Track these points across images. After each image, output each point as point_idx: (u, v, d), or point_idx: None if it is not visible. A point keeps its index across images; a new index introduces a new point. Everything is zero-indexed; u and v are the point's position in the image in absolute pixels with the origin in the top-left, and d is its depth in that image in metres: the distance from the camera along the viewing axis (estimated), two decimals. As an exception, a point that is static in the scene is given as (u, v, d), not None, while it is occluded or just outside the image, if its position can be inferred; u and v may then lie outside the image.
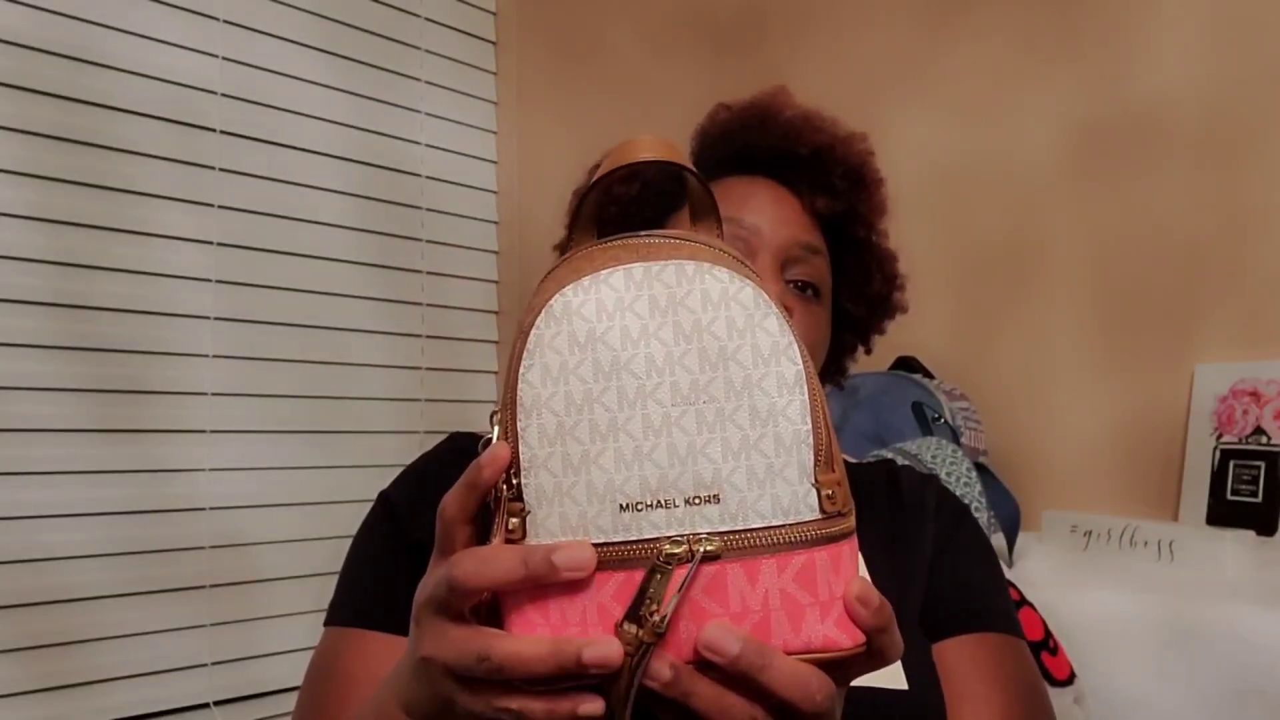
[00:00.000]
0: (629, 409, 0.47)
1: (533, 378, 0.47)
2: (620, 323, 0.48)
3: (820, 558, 0.47)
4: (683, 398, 0.47)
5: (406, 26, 1.94)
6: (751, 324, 0.48)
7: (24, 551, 1.41)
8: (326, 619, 0.76)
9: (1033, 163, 1.48)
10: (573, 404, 0.47)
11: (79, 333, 1.48)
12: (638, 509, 0.46)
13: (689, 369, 0.47)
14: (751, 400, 0.47)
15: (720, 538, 0.46)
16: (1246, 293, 1.31)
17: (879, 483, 0.84)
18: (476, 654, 0.46)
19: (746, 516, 0.46)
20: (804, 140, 0.84)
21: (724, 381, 0.47)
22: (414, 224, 1.93)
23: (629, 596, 0.45)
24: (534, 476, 0.47)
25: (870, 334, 0.92)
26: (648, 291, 0.48)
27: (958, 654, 0.73)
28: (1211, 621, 1.04)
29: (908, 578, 0.76)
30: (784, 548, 0.46)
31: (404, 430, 1.88)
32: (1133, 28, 1.40)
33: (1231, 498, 1.26)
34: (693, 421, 0.47)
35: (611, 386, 0.47)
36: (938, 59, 1.58)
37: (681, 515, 0.46)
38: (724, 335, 0.48)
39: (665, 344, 0.47)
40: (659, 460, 0.47)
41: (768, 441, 0.47)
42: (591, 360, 0.47)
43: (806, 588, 0.46)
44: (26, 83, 1.45)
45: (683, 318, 0.48)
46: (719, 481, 0.47)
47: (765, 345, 0.48)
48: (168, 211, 1.58)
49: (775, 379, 0.48)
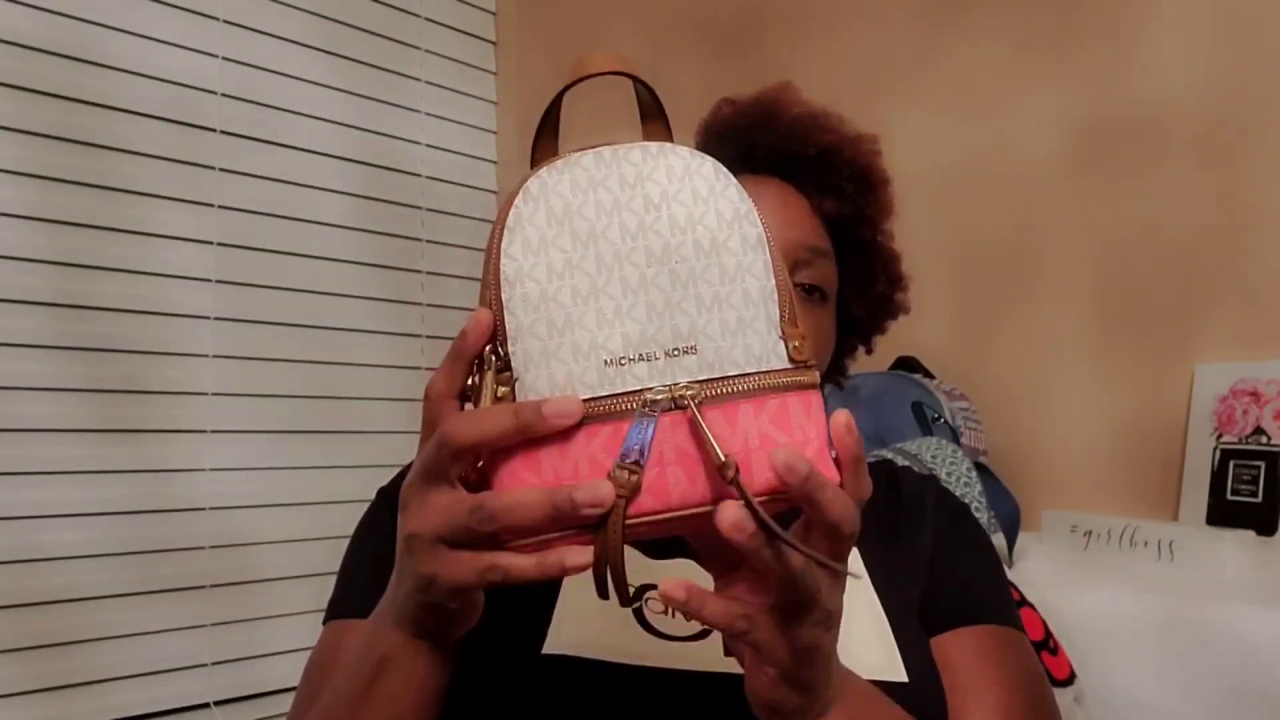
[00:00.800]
0: (607, 272, 0.50)
1: (514, 251, 0.50)
2: (594, 197, 0.51)
3: (792, 402, 0.50)
4: (656, 259, 0.50)
5: (406, 26, 1.94)
6: (714, 192, 0.52)
7: (24, 551, 1.41)
8: (326, 615, 0.76)
9: (1033, 162, 1.48)
10: (554, 271, 0.49)
11: (79, 333, 1.48)
12: (621, 363, 0.49)
13: (659, 233, 0.50)
14: (720, 259, 0.51)
15: (699, 385, 0.49)
16: (1246, 293, 1.31)
17: (879, 483, 0.84)
18: (469, 508, 0.47)
19: (723, 365, 0.50)
20: (811, 140, 0.83)
21: (693, 244, 0.51)
22: (414, 224, 1.93)
23: (618, 447, 0.47)
24: (520, 343, 0.49)
25: (873, 334, 0.92)
26: (616, 170, 0.51)
27: (957, 646, 0.73)
28: (1211, 621, 1.04)
29: (907, 574, 0.76)
30: (758, 392, 0.49)
31: (404, 430, 1.88)
32: (1133, 27, 1.40)
33: (1231, 498, 1.26)
34: (667, 280, 0.50)
35: (590, 253, 0.50)
36: (938, 59, 1.58)
37: (662, 367, 0.49)
38: (689, 203, 0.51)
39: (636, 213, 0.51)
40: (638, 317, 0.49)
41: (737, 296, 0.51)
42: (569, 231, 0.50)
43: (783, 429, 0.49)
44: (26, 83, 1.45)
45: (650, 190, 0.51)
46: (695, 333, 0.50)
47: (728, 210, 0.52)
48: (168, 211, 1.58)
49: (739, 240, 0.51)
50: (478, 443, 0.48)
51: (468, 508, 0.47)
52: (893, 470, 0.86)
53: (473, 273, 2.03)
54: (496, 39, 2.11)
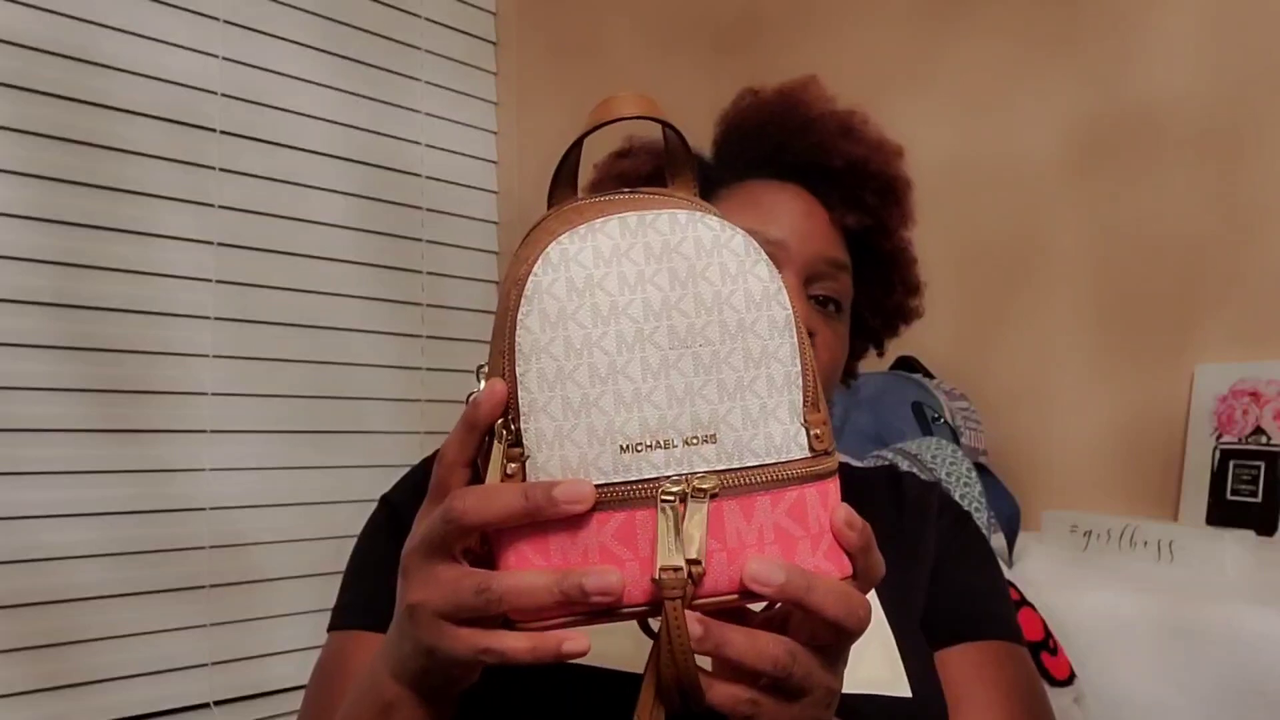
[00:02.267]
0: (627, 352, 0.48)
1: (531, 323, 0.48)
2: (617, 269, 0.48)
3: (810, 493, 0.48)
4: (679, 341, 0.48)
5: (406, 26, 1.94)
6: (743, 270, 0.49)
7: (24, 551, 1.41)
8: (331, 624, 0.76)
9: (1033, 162, 1.48)
10: (572, 348, 0.47)
11: (79, 333, 1.48)
12: (637, 450, 0.47)
13: (685, 313, 0.48)
14: (745, 343, 0.49)
15: (718, 476, 0.47)
16: (1246, 293, 1.31)
17: (882, 487, 0.84)
18: (474, 587, 0.46)
19: (742, 455, 0.48)
20: (839, 151, 0.81)
21: (719, 325, 0.48)
22: (414, 224, 1.93)
23: (630, 535, 0.46)
24: (534, 421, 0.47)
25: (885, 339, 0.92)
26: (642, 239, 0.49)
27: (960, 661, 0.73)
28: (1211, 621, 1.04)
29: (910, 583, 0.76)
30: (777, 484, 0.48)
31: (404, 430, 1.88)
32: (1133, 26, 1.40)
33: (1231, 498, 1.26)
34: (689, 364, 0.48)
35: (610, 331, 0.48)
36: (938, 58, 1.58)
37: (680, 455, 0.47)
38: (718, 281, 0.49)
39: (661, 289, 0.48)
40: (658, 402, 0.47)
41: (761, 383, 0.49)
42: (590, 305, 0.48)
43: (799, 522, 0.48)
44: (26, 83, 1.44)
45: (677, 264, 0.49)
46: (716, 421, 0.48)
47: (757, 290, 0.49)
48: (168, 211, 1.58)
49: (767, 322, 0.49)
50: (485, 524, 0.47)
51: (473, 587, 0.46)
52: (896, 475, 0.85)
53: (473, 273, 2.03)
54: (496, 39, 2.11)
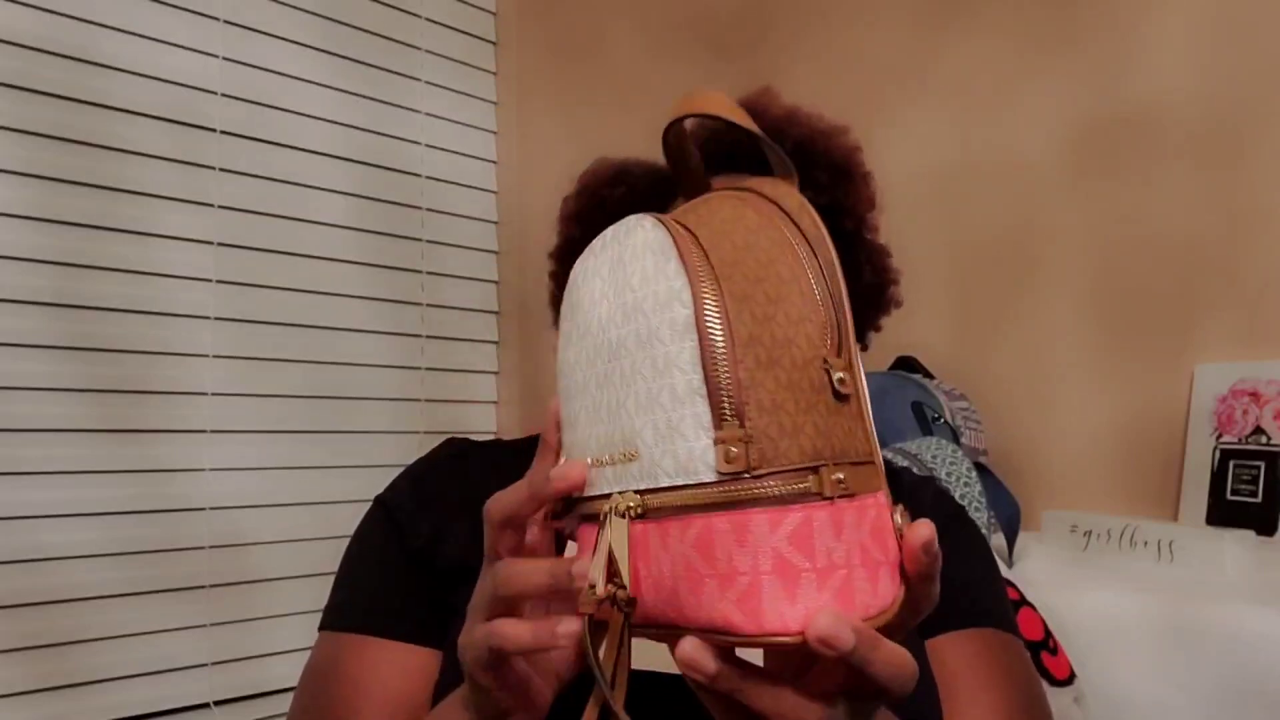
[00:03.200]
0: (586, 369, 0.47)
1: (559, 344, 0.51)
2: (590, 286, 0.48)
3: (718, 525, 0.41)
4: (611, 353, 0.46)
5: (406, 26, 1.94)
6: (658, 269, 0.44)
7: (24, 551, 1.41)
8: (323, 623, 0.76)
9: (1032, 162, 1.48)
10: (567, 367, 0.49)
11: (79, 333, 1.48)
12: (598, 465, 0.46)
13: (617, 324, 0.45)
14: (652, 351, 0.43)
15: (640, 496, 0.44)
16: (1246, 293, 1.31)
17: None
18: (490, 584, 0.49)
19: (655, 475, 0.43)
20: (786, 135, 0.82)
21: (635, 334, 0.44)
22: (414, 224, 1.93)
23: (588, 550, 0.47)
24: (565, 434, 0.51)
25: (865, 330, 0.91)
26: (612, 252, 0.47)
27: (953, 650, 0.73)
28: (1211, 621, 1.04)
29: None
30: (682, 510, 0.42)
31: (404, 430, 1.88)
32: (1132, 26, 1.40)
33: (1231, 498, 1.26)
34: (618, 376, 0.45)
35: (585, 347, 0.48)
36: (937, 59, 1.58)
37: (617, 473, 0.45)
38: (638, 285, 0.45)
39: (609, 301, 0.46)
40: (602, 417, 0.46)
41: (665, 394, 0.43)
42: (578, 324, 0.48)
43: (705, 557, 0.41)
44: (26, 83, 1.45)
45: (619, 273, 0.46)
46: (633, 438, 0.44)
47: (663, 292, 0.43)
48: (168, 211, 1.58)
49: (668, 326, 0.43)
50: (520, 596, 0.49)
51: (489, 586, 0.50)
52: (894, 471, 0.86)
53: (473, 273, 2.03)
54: (496, 39, 2.11)
